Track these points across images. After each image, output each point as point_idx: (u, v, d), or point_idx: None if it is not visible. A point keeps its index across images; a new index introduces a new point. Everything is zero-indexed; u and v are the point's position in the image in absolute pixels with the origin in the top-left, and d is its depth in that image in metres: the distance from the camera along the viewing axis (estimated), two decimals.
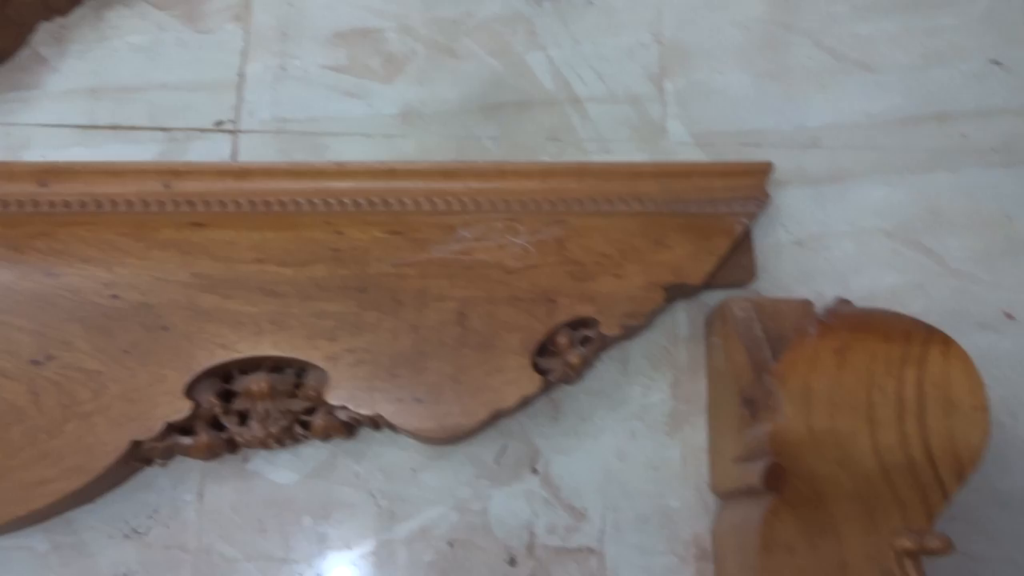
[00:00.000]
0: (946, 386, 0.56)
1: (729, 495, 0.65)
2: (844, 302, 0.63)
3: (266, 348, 0.63)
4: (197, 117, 0.75)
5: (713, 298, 0.71)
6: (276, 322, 0.64)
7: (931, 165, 0.76)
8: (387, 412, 0.62)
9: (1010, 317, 0.72)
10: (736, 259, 0.69)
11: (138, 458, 0.64)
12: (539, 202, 0.68)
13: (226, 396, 0.65)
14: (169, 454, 0.64)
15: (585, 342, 0.66)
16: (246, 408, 0.64)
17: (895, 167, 0.76)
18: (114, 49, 0.77)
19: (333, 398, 0.63)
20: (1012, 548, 0.67)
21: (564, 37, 0.78)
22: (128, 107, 0.75)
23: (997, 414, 0.65)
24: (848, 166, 0.76)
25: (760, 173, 0.70)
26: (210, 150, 0.74)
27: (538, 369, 0.65)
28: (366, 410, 0.62)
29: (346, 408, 0.63)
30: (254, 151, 0.74)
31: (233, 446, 0.65)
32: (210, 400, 0.63)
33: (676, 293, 0.68)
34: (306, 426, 0.65)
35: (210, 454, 0.64)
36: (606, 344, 0.67)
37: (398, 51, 0.77)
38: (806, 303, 0.65)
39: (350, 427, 0.66)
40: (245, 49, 0.77)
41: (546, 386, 0.65)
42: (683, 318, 0.72)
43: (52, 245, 0.65)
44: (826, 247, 0.73)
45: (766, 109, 0.77)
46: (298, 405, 0.64)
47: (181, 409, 0.62)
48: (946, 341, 0.57)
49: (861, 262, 0.73)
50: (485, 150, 0.75)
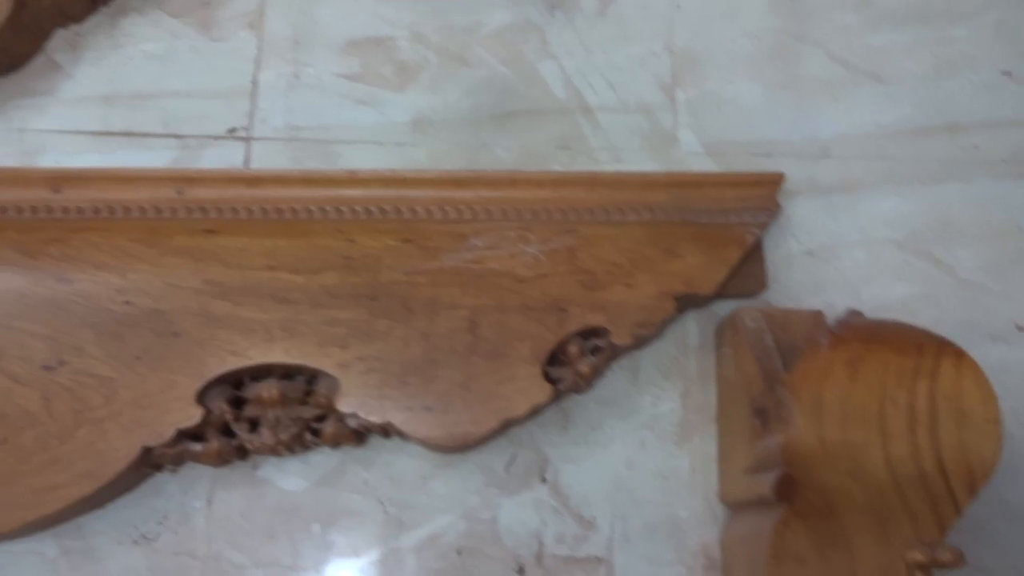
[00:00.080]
0: (958, 398, 0.56)
1: (738, 505, 0.65)
2: (855, 313, 0.63)
3: (277, 355, 0.63)
4: (210, 124, 0.75)
5: (723, 308, 0.71)
6: (287, 329, 0.64)
7: (942, 176, 0.76)
8: (397, 420, 0.62)
9: (1021, 329, 0.72)
10: (747, 269, 0.69)
11: (148, 464, 0.64)
12: (550, 211, 0.68)
13: (237, 403, 0.65)
14: (179, 460, 0.65)
15: (595, 351, 0.66)
16: (257, 415, 0.64)
17: (906, 178, 0.76)
18: (128, 56, 0.77)
19: (344, 405, 0.63)
20: (1021, 560, 0.66)
21: (576, 46, 0.78)
22: (142, 114, 0.75)
23: (1008, 426, 0.65)
24: (859, 176, 0.76)
25: (771, 183, 0.70)
26: (223, 157, 0.74)
27: (548, 378, 0.64)
28: (376, 418, 0.62)
29: (356, 416, 0.63)
30: (267, 158, 0.74)
31: (243, 453, 0.65)
32: (221, 407, 0.63)
33: (687, 303, 0.68)
34: (316, 433, 0.65)
35: (220, 461, 0.64)
36: (616, 353, 0.67)
37: (410, 59, 0.78)
38: (817, 314, 0.65)
39: (360, 435, 0.66)
40: (258, 57, 0.77)
41: (556, 395, 0.65)
42: (693, 328, 0.71)
43: (65, 251, 0.66)
44: (837, 257, 0.73)
45: (777, 119, 0.77)
46: (308, 412, 0.64)
47: (192, 416, 0.62)
48: (958, 353, 0.57)
49: (872, 273, 0.73)
50: (496, 159, 0.75)
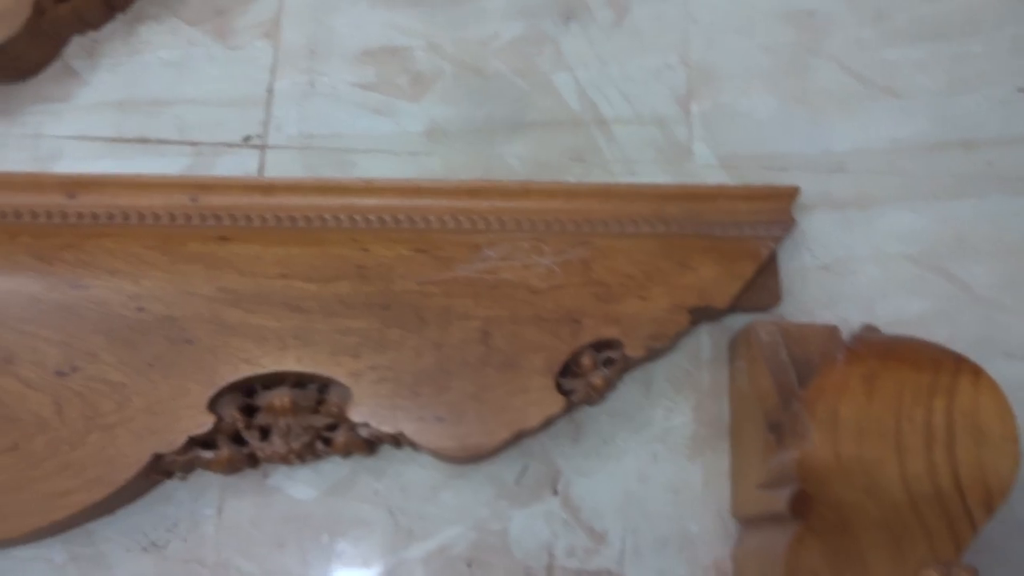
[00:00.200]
0: (975, 416, 0.55)
1: (751, 521, 0.64)
2: (871, 328, 0.62)
3: (289, 363, 0.63)
4: (225, 132, 0.75)
5: (737, 321, 0.71)
6: (300, 337, 0.64)
7: (957, 192, 0.76)
8: (409, 430, 0.62)
9: None
10: (761, 282, 0.69)
11: (159, 471, 0.64)
12: (564, 222, 0.68)
13: (248, 411, 0.64)
14: (190, 468, 0.64)
15: (608, 363, 0.66)
16: (268, 423, 0.64)
17: (921, 193, 0.75)
18: (145, 63, 0.77)
19: (355, 415, 0.62)
20: None
21: (591, 58, 0.78)
22: (157, 121, 0.75)
23: None
24: (874, 191, 0.75)
25: (786, 197, 0.69)
26: (237, 165, 0.75)
27: (561, 390, 0.64)
28: (388, 427, 0.62)
29: (368, 425, 0.63)
30: (281, 167, 0.75)
31: (254, 461, 0.65)
32: (232, 414, 0.63)
33: (700, 316, 0.68)
34: (327, 442, 0.65)
35: (231, 468, 0.64)
36: (629, 366, 0.67)
37: (425, 70, 0.78)
38: (832, 328, 0.64)
39: (371, 444, 0.65)
40: (274, 65, 0.78)
41: (568, 407, 0.64)
42: (706, 341, 0.71)
43: (79, 257, 0.66)
44: (851, 272, 0.73)
45: (792, 133, 0.77)
46: (320, 421, 0.64)
47: (204, 423, 0.62)
48: (976, 370, 0.56)
49: (886, 288, 0.73)
50: (511, 169, 0.75)
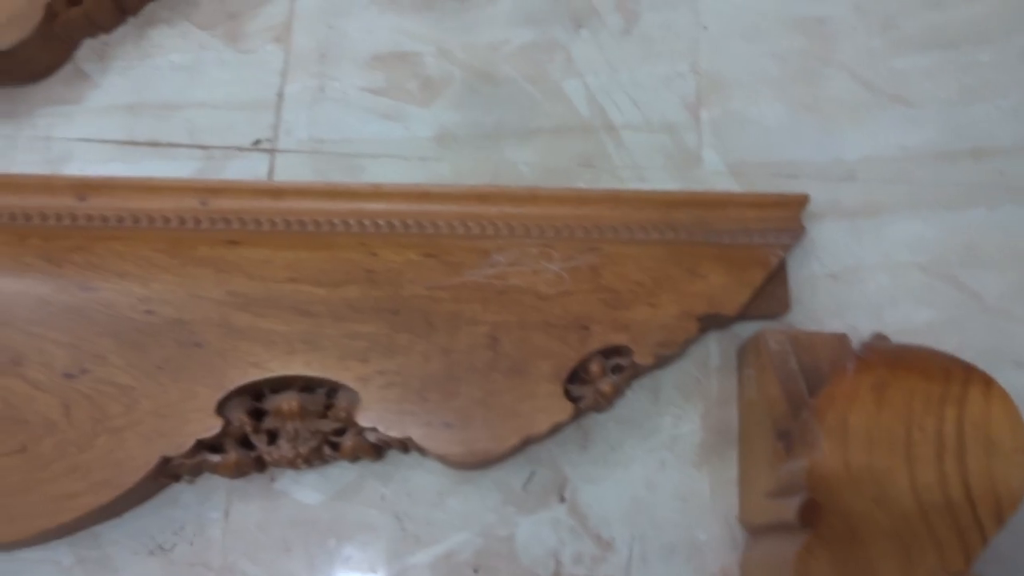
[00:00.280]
0: (986, 426, 0.55)
1: (759, 529, 0.64)
2: (881, 337, 0.62)
3: (298, 367, 0.63)
4: (235, 136, 0.76)
5: (745, 329, 0.71)
6: (308, 342, 0.64)
7: (967, 201, 0.75)
8: (417, 435, 0.62)
9: None
10: (770, 290, 0.69)
11: (166, 474, 0.64)
12: (573, 228, 0.68)
13: (256, 415, 0.64)
14: (197, 471, 0.64)
15: (617, 370, 0.65)
16: (276, 427, 0.64)
17: (930, 202, 0.75)
18: (156, 67, 0.77)
19: (363, 420, 0.62)
20: None
21: (601, 65, 0.79)
22: (168, 124, 0.76)
23: None
24: (883, 200, 0.75)
25: (796, 205, 0.69)
26: (247, 169, 0.75)
27: (569, 396, 0.64)
28: (396, 433, 0.62)
29: (376, 430, 0.63)
30: (291, 171, 0.75)
31: (261, 465, 0.65)
32: (240, 418, 0.63)
33: (709, 323, 0.68)
34: (335, 447, 0.65)
35: (238, 472, 0.64)
36: (638, 373, 0.67)
37: (435, 75, 0.78)
38: (842, 337, 0.64)
39: (379, 449, 0.65)
40: (284, 70, 0.78)
41: (576, 413, 0.64)
42: (715, 349, 0.71)
43: (89, 259, 0.66)
44: (861, 280, 0.73)
45: (802, 141, 0.77)
46: (328, 426, 0.64)
47: (212, 426, 0.62)
48: (987, 381, 0.56)
49: (896, 296, 0.72)
50: (520, 175, 0.75)
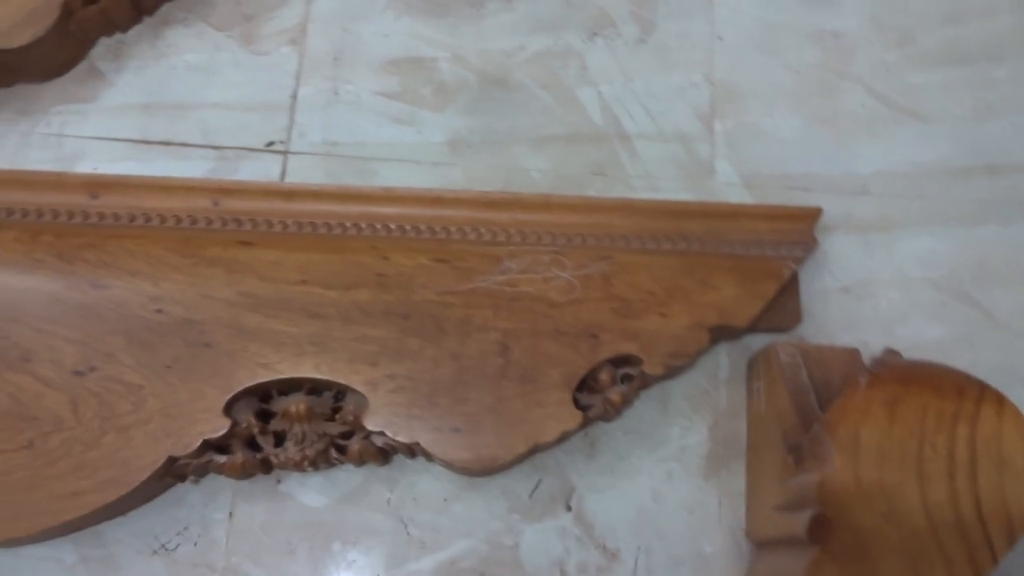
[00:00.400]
0: (998, 444, 0.55)
1: (767, 543, 0.63)
2: (893, 352, 0.62)
3: (307, 370, 0.63)
4: (249, 137, 0.76)
5: (755, 341, 0.70)
6: (318, 344, 0.64)
7: (980, 217, 0.75)
8: (425, 441, 0.62)
9: None
10: (782, 303, 0.68)
11: (172, 474, 0.63)
12: (585, 236, 0.68)
13: (264, 416, 0.64)
14: (203, 471, 0.64)
15: (626, 380, 0.65)
16: (283, 429, 0.64)
17: (944, 217, 0.75)
18: (171, 67, 0.78)
19: (371, 423, 0.62)
20: None
21: (615, 73, 0.79)
22: (181, 124, 0.76)
23: None
24: (896, 214, 0.75)
25: (809, 218, 0.69)
26: (260, 170, 0.75)
27: (578, 405, 0.64)
28: (404, 437, 0.62)
29: (383, 434, 0.62)
30: (303, 173, 0.75)
31: (267, 466, 0.65)
32: (248, 419, 0.63)
33: (720, 335, 0.67)
34: (341, 450, 0.64)
35: (244, 473, 0.64)
36: (647, 383, 0.67)
37: (449, 80, 0.78)
38: (853, 352, 0.64)
39: (385, 453, 0.65)
40: (299, 72, 0.78)
41: (585, 422, 0.64)
42: (724, 360, 0.71)
43: (100, 257, 0.66)
44: (872, 295, 0.73)
45: (816, 154, 0.76)
46: (335, 429, 0.64)
47: (219, 427, 0.62)
48: (999, 399, 0.56)
49: (907, 312, 0.72)
50: (532, 182, 0.75)
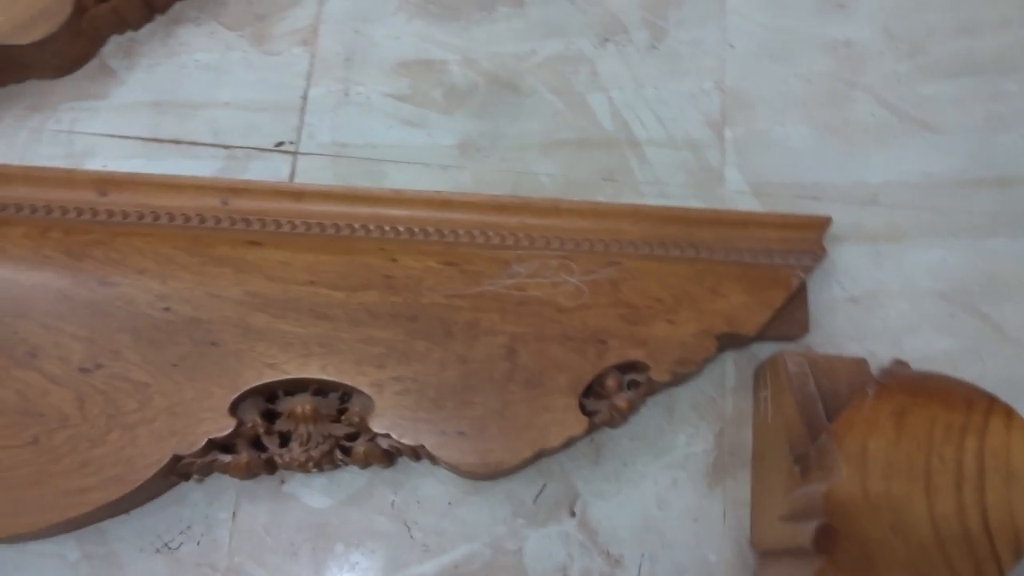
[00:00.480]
0: (1007, 457, 0.54)
1: (771, 553, 0.63)
2: (901, 364, 0.61)
3: (313, 371, 0.63)
4: (259, 137, 0.76)
5: (763, 350, 0.70)
6: (325, 345, 0.64)
7: (990, 230, 0.75)
8: (430, 443, 0.62)
9: None
10: (790, 312, 0.68)
11: (177, 472, 0.63)
12: (593, 242, 0.68)
13: (269, 416, 0.64)
14: (207, 470, 0.64)
15: (633, 386, 0.65)
16: (288, 429, 0.64)
17: (953, 229, 0.75)
18: (182, 65, 0.78)
19: (377, 426, 0.62)
20: None
21: (626, 80, 0.79)
22: (191, 123, 0.76)
23: None
24: (906, 225, 0.75)
25: (818, 227, 0.69)
26: (269, 170, 0.75)
27: (584, 410, 0.64)
28: (409, 440, 0.62)
29: (389, 437, 0.62)
30: (312, 173, 0.75)
31: (271, 467, 0.65)
32: (254, 419, 0.63)
33: (727, 343, 0.67)
34: (346, 452, 0.64)
35: (248, 473, 0.63)
36: (654, 389, 0.66)
37: (460, 83, 0.78)
38: (861, 362, 0.63)
39: (390, 456, 0.65)
40: (310, 73, 0.78)
41: (591, 428, 0.64)
42: (731, 368, 0.70)
43: (109, 254, 0.66)
44: (881, 306, 0.72)
45: (826, 163, 0.76)
46: (340, 430, 0.64)
47: (225, 426, 0.62)
48: (1008, 412, 0.56)
49: (915, 323, 0.72)
50: (541, 186, 0.75)
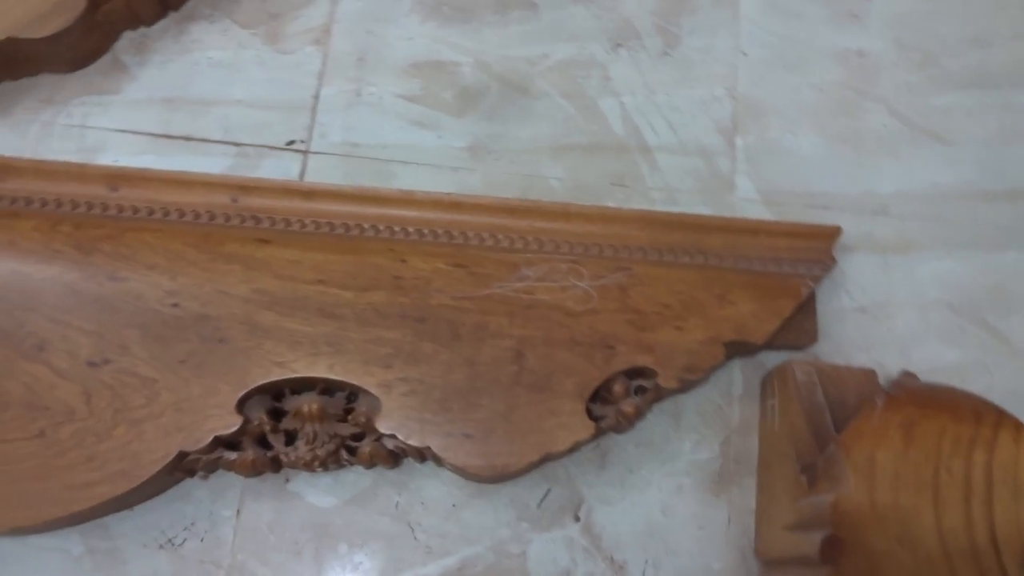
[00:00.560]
0: (1015, 471, 0.54)
1: (776, 562, 0.63)
2: (909, 375, 0.61)
3: (321, 370, 0.63)
4: (270, 135, 0.76)
5: (770, 359, 0.70)
6: (333, 345, 0.64)
7: (1000, 243, 0.75)
8: (436, 445, 0.62)
9: None
10: (798, 321, 0.68)
11: (182, 469, 0.63)
12: (602, 247, 0.68)
13: (275, 414, 0.64)
14: (212, 468, 0.64)
15: (640, 392, 0.65)
16: (294, 428, 0.64)
17: (963, 241, 0.75)
18: (194, 62, 0.78)
19: (383, 426, 0.62)
20: None
21: (638, 85, 0.78)
22: (203, 120, 0.76)
23: None
24: (916, 236, 0.75)
25: (828, 236, 0.69)
26: (279, 168, 0.75)
27: (591, 415, 0.63)
28: (415, 441, 0.62)
29: (395, 437, 0.62)
30: (322, 173, 0.75)
31: (277, 465, 0.65)
32: (260, 417, 0.63)
33: (735, 350, 0.67)
34: (352, 452, 0.64)
35: (253, 471, 0.63)
36: (661, 396, 0.66)
37: (472, 86, 0.78)
38: (870, 373, 0.63)
39: (396, 456, 0.65)
40: (322, 72, 0.78)
41: (597, 433, 0.64)
42: (738, 376, 0.70)
43: (118, 249, 0.66)
44: (889, 316, 0.72)
45: (836, 172, 0.76)
46: (346, 430, 0.64)
47: (231, 424, 0.61)
48: (1018, 425, 0.55)
49: (924, 335, 0.72)
50: (551, 190, 0.75)
